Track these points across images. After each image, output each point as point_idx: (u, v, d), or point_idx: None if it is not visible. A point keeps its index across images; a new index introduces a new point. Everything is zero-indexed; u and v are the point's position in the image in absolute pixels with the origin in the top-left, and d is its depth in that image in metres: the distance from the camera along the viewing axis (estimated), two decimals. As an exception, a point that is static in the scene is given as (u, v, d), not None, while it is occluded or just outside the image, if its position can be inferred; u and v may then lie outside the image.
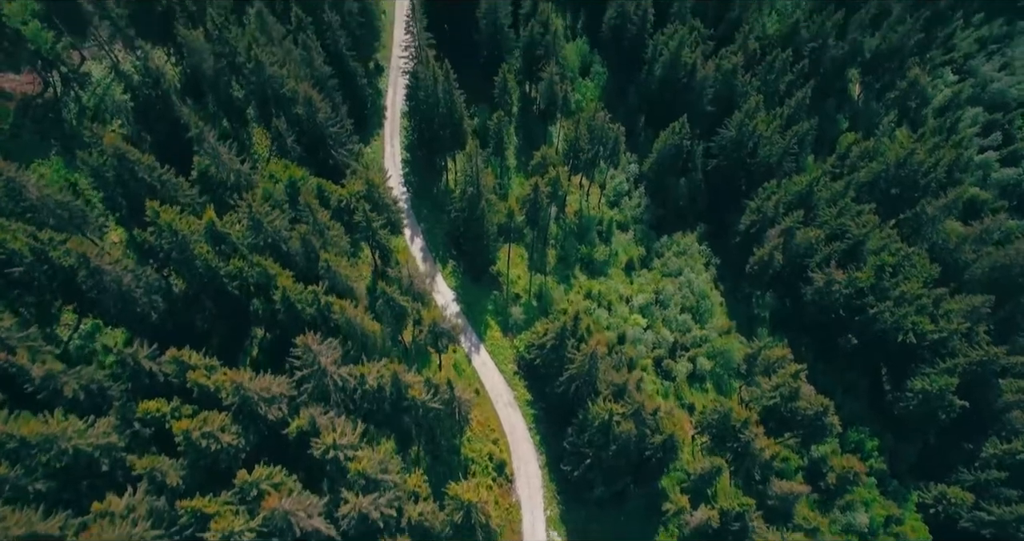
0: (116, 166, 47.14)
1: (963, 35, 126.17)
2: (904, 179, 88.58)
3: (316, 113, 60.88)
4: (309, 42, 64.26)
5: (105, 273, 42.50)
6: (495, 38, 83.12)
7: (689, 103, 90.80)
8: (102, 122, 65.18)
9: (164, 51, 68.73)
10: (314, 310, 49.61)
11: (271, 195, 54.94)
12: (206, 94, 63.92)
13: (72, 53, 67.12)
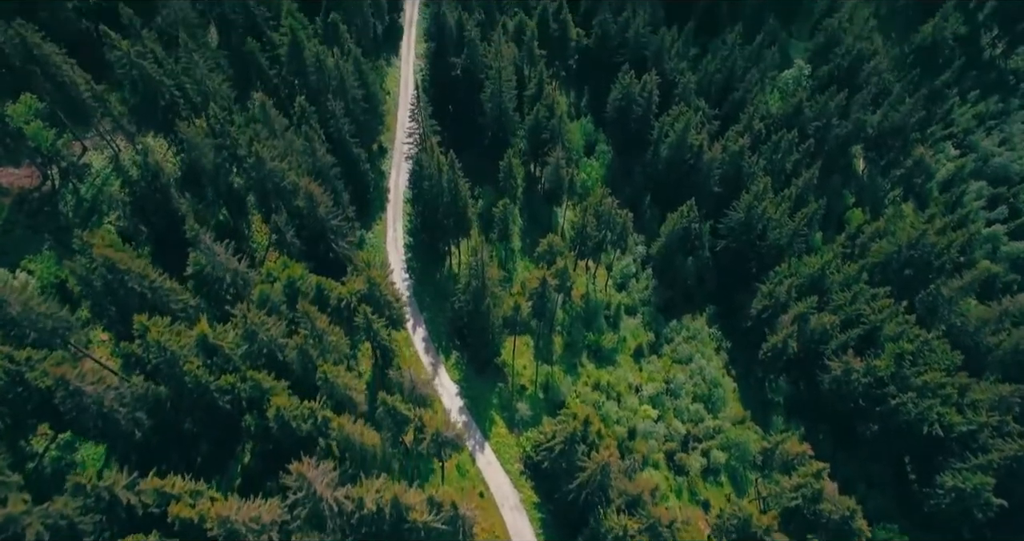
0: (105, 275, 44.89)
1: (961, 111, 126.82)
2: (917, 260, 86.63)
3: (317, 207, 59.21)
4: (311, 133, 63.26)
5: (85, 394, 39.60)
6: (500, 121, 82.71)
7: (696, 184, 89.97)
8: (99, 214, 63.63)
9: (165, 141, 67.80)
10: (310, 425, 46.41)
11: (268, 297, 52.55)
12: (206, 186, 62.46)
13: (73, 144, 66.20)
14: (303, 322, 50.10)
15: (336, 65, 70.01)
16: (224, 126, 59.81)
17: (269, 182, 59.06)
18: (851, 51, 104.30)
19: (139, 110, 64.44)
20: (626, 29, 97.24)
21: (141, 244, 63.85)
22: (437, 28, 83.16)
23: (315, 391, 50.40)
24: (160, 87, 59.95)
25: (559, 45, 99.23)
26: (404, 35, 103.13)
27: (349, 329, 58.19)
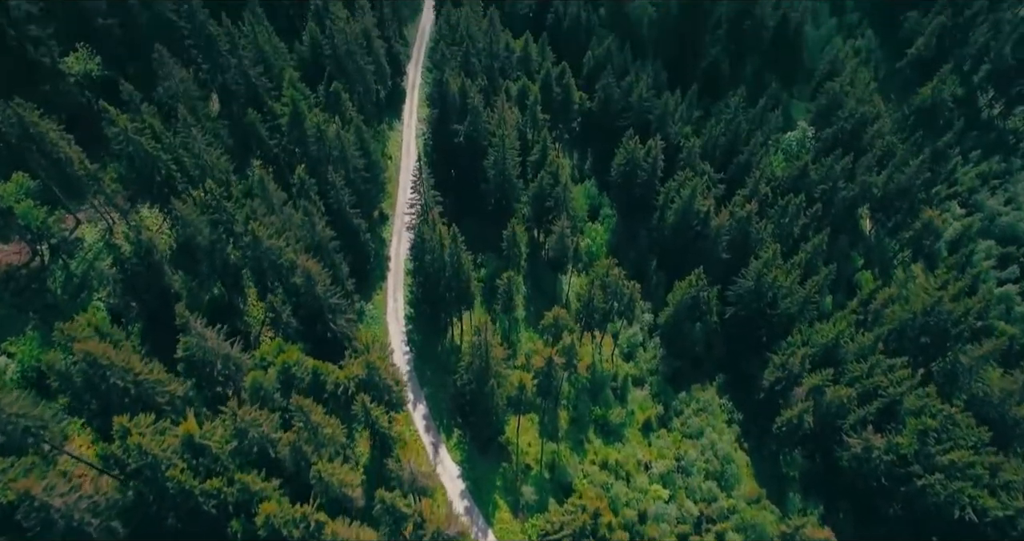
0: (86, 370, 42.21)
1: (964, 170, 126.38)
2: (933, 327, 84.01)
3: (314, 286, 56.92)
4: (310, 207, 61.55)
5: (52, 508, 36.39)
6: (503, 188, 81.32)
7: (703, 250, 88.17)
8: (89, 290, 61.35)
9: (160, 214, 66.06)
10: (302, 531, 42.89)
11: (260, 386, 49.72)
12: (200, 262, 60.31)
13: (67, 218, 64.42)
14: (297, 414, 47.11)
15: (337, 135, 68.98)
16: (220, 201, 58.09)
17: (265, 260, 56.96)
18: (854, 114, 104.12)
19: (135, 183, 62.96)
20: (629, 93, 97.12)
21: (131, 321, 61.50)
22: (439, 95, 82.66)
23: (309, 488, 47.10)
24: (157, 162, 58.51)
25: (562, 108, 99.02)
26: (407, 98, 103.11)
27: (347, 415, 55.21)
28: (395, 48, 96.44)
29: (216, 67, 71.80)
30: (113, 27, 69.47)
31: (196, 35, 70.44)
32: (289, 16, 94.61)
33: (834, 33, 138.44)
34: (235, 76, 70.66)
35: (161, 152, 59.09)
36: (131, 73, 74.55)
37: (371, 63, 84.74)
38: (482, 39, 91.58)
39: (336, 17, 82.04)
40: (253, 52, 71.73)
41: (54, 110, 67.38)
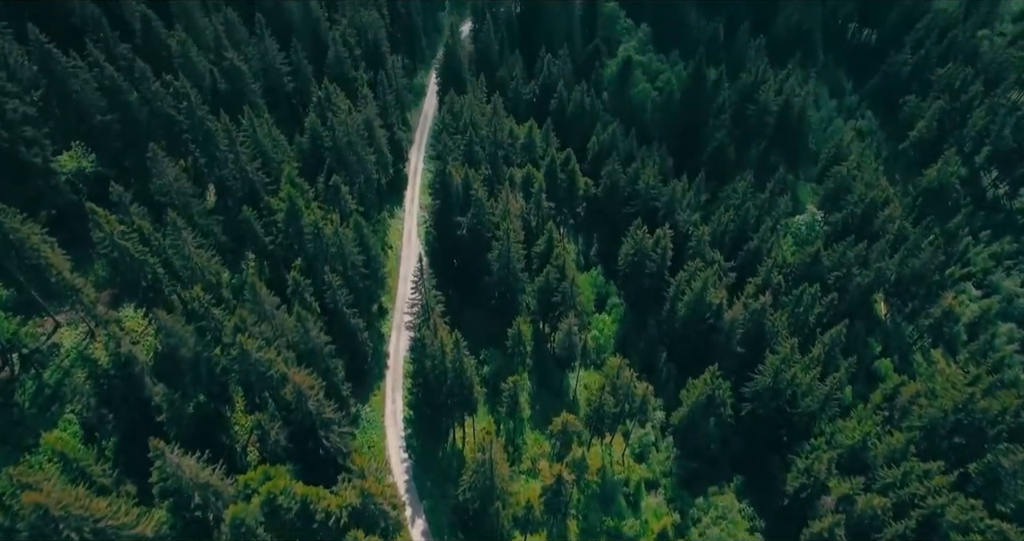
0: (37, 523, 37.33)
1: (976, 251, 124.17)
2: (967, 427, 78.96)
3: (306, 401, 52.62)
4: (304, 314, 58.02)
5: None
6: (507, 281, 78.08)
7: (716, 344, 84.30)
8: (61, 402, 56.98)
9: (144, 319, 62.47)
10: None
11: (242, 522, 44.68)
12: (184, 373, 56.22)
13: (45, 321, 60.78)
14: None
15: (335, 232, 66.23)
16: (208, 308, 54.62)
17: (254, 372, 52.91)
18: (863, 199, 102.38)
19: (120, 286, 59.74)
20: (635, 181, 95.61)
21: (106, 435, 56.87)
22: (442, 186, 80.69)
23: None
24: (143, 266, 55.41)
25: (567, 194, 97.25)
26: (408, 184, 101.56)
27: (337, 547, 49.80)
28: (397, 135, 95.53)
29: (213, 161, 69.95)
30: (112, 123, 67.94)
31: (194, 130, 68.90)
32: (292, 104, 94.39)
33: (835, 115, 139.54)
34: (232, 171, 68.64)
35: (148, 255, 56.09)
36: (128, 165, 72.85)
37: (372, 153, 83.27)
38: (485, 127, 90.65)
39: (338, 108, 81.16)
40: (251, 147, 70.02)
41: (41, 207, 65.32)
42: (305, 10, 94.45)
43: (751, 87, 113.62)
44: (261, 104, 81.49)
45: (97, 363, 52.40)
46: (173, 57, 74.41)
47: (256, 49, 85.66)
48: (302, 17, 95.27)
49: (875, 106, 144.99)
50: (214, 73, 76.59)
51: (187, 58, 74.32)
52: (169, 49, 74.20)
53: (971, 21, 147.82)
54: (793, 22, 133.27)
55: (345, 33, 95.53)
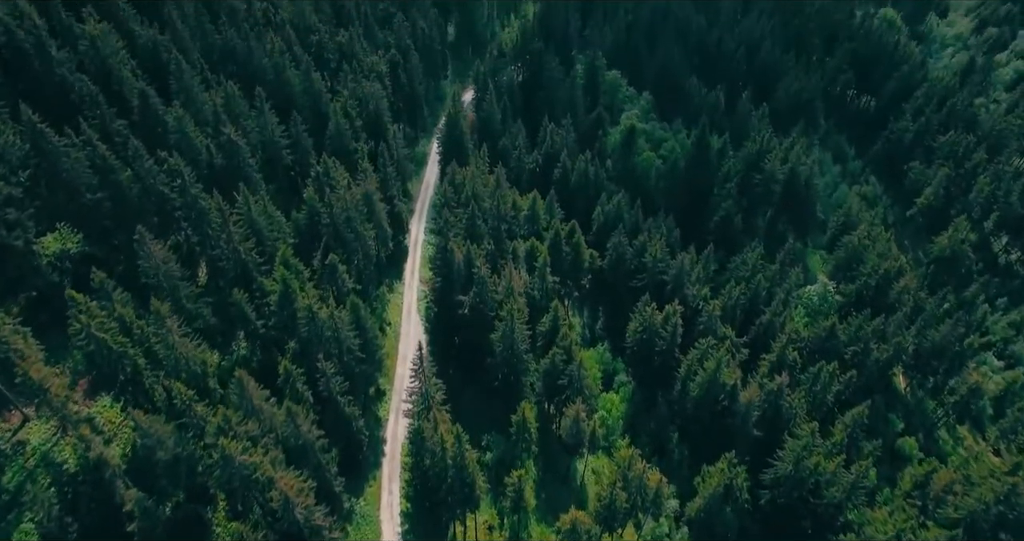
0: None
1: (994, 319, 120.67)
2: (1012, 522, 73.43)
3: (294, 508, 47.98)
4: (295, 408, 53.93)
5: None
6: (511, 363, 74.19)
7: (731, 427, 79.73)
8: (20, 509, 52.09)
9: (122, 413, 58.27)
10: None
11: None
12: (161, 475, 51.74)
13: (12, 415, 56.56)
14: None
15: (331, 315, 62.86)
16: (190, 404, 50.62)
17: (237, 477, 48.47)
18: (876, 269, 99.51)
19: (96, 378, 55.90)
20: (642, 253, 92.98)
21: (72, 543, 51.85)
22: (443, 263, 77.98)
23: None
24: (122, 359, 51.76)
25: (572, 267, 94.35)
26: (409, 257, 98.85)
27: None
28: (398, 207, 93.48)
29: (206, 240, 67.32)
30: (102, 201, 65.50)
31: (187, 208, 66.54)
32: (291, 176, 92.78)
33: (839, 180, 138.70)
34: (225, 251, 65.83)
35: (129, 347, 52.49)
36: (118, 243, 70.13)
37: (372, 228, 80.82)
38: (488, 199, 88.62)
39: (336, 182, 79.21)
40: (245, 227, 67.44)
41: (21, 289, 62.09)
42: (306, 82, 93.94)
43: (756, 156, 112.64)
44: (258, 178, 79.49)
45: (63, 467, 48.01)
46: (169, 133, 72.77)
47: (255, 122, 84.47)
48: (303, 89, 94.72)
49: (878, 172, 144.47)
50: (210, 149, 74.86)
51: (183, 134, 72.70)
52: (165, 125, 72.61)
53: (966, 89, 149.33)
54: (793, 90, 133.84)
55: (346, 105, 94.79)
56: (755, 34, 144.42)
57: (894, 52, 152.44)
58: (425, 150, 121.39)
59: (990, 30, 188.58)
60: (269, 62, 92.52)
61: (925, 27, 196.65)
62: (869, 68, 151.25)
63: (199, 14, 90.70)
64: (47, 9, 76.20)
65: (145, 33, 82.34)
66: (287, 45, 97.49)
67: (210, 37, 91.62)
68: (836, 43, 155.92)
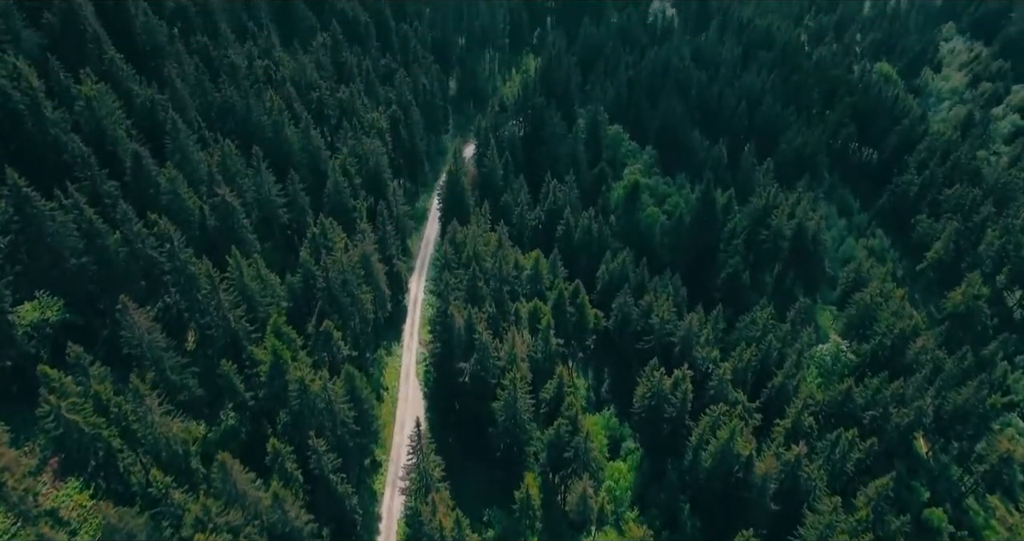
0: None
1: (1014, 377, 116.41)
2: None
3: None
4: (282, 494, 49.92)
5: None
6: (514, 433, 70.18)
7: (747, 499, 74.97)
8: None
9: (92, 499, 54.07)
10: None
11: None
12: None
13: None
14: None
15: (324, 388, 59.31)
16: (167, 493, 46.63)
17: (214, 576, 44.15)
18: (891, 329, 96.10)
19: (65, 460, 52.00)
20: (649, 314, 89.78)
21: None
22: (443, 328, 74.85)
23: None
24: (95, 443, 48.06)
25: (576, 328, 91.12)
26: (407, 317, 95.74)
27: None
28: (396, 266, 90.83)
29: (195, 307, 64.32)
30: (87, 265, 62.84)
31: (176, 273, 63.80)
32: (287, 234, 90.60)
33: (845, 234, 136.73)
34: (214, 318, 62.79)
35: (103, 428, 48.84)
36: (103, 308, 67.17)
37: (369, 291, 77.94)
38: (489, 259, 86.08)
39: (334, 243, 76.81)
40: (236, 293, 64.60)
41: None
42: (305, 140, 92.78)
43: (762, 211, 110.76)
44: (253, 239, 77.20)
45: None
46: (162, 194, 70.73)
47: (252, 181, 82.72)
48: (302, 146, 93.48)
49: (885, 225, 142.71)
50: (204, 210, 72.67)
51: (176, 195, 70.70)
52: (158, 186, 70.64)
53: (967, 142, 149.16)
54: (796, 144, 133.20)
55: (345, 162, 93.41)
56: (755, 89, 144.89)
57: (893, 106, 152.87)
58: (426, 205, 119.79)
59: (984, 85, 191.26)
60: (268, 120, 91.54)
61: (921, 81, 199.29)
62: (870, 121, 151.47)
63: (199, 72, 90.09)
64: (46, 71, 75.58)
65: (143, 92, 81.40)
66: (287, 102, 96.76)
67: (209, 95, 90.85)
68: (835, 97, 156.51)
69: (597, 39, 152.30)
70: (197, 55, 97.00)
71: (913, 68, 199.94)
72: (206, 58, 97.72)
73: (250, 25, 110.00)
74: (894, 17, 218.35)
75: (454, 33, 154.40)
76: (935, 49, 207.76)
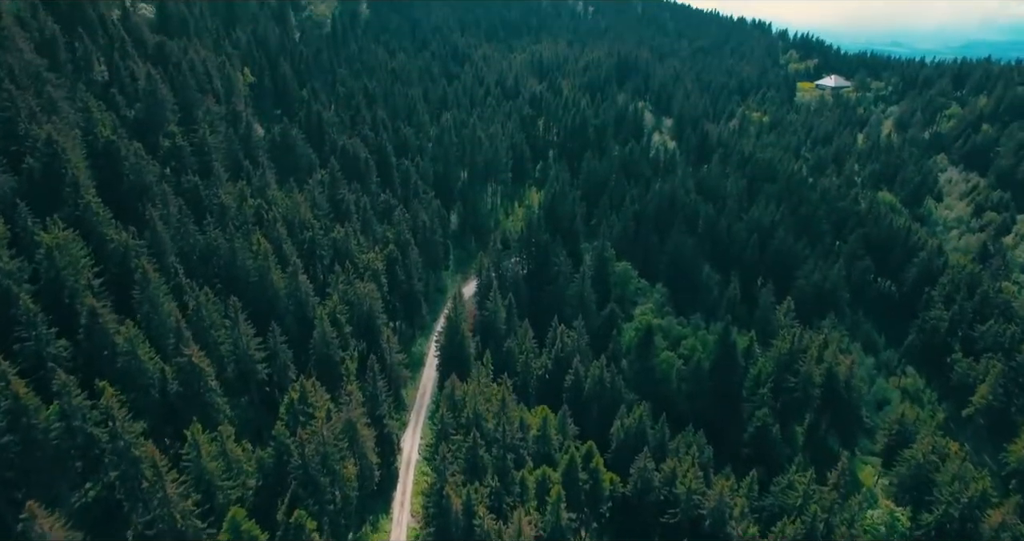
0: None
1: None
2: None
3: None
4: None
5: None
6: None
7: None
8: None
9: None
10: None
11: None
12: None
13: None
14: None
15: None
16: None
17: None
18: (957, 497, 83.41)
19: None
20: (672, 482, 78.00)
21: None
22: (439, 510, 63.29)
23: None
24: None
25: (590, 496, 79.02)
26: (399, 483, 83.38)
27: None
28: (388, 427, 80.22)
29: (136, 499, 53.33)
30: (9, 446, 52.68)
31: (118, 455, 53.45)
32: (266, 391, 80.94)
33: (875, 373, 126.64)
34: (159, 514, 51.61)
35: None
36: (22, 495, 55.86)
37: (354, 463, 66.99)
38: (492, 420, 75.82)
39: (316, 408, 66.92)
40: (191, 478, 53.97)
41: None
42: (292, 285, 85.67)
43: (788, 356, 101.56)
44: (221, 403, 67.59)
45: None
46: (118, 355, 61.98)
47: (228, 334, 74.50)
48: (289, 292, 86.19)
49: (915, 362, 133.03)
50: (165, 372, 63.58)
51: (134, 356, 61.87)
52: (114, 347, 62.06)
53: (988, 273, 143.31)
54: (815, 280, 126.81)
55: (335, 310, 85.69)
56: (765, 221, 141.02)
57: (907, 237, 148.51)
58: (423, 349, 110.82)
59: (990, 214, 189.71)
60: (254, 263, 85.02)
61: (924, 210, 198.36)
62: (884, 253, 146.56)
63: (182, 214, 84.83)
64: (12, 217, 70.12)
65: (118, 237, 75.24)
66: (276, 244, 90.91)
67: (192, 238, 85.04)
68: (845, 228, 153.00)
69: (600, 172, 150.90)
70: (186, 195, 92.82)
71: (915, 197, 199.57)
72: (195, 198, 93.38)
73: (246, 164, 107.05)
74: (888, 149, 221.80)
75: (456, 166, 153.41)
76: (934, 180, 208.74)
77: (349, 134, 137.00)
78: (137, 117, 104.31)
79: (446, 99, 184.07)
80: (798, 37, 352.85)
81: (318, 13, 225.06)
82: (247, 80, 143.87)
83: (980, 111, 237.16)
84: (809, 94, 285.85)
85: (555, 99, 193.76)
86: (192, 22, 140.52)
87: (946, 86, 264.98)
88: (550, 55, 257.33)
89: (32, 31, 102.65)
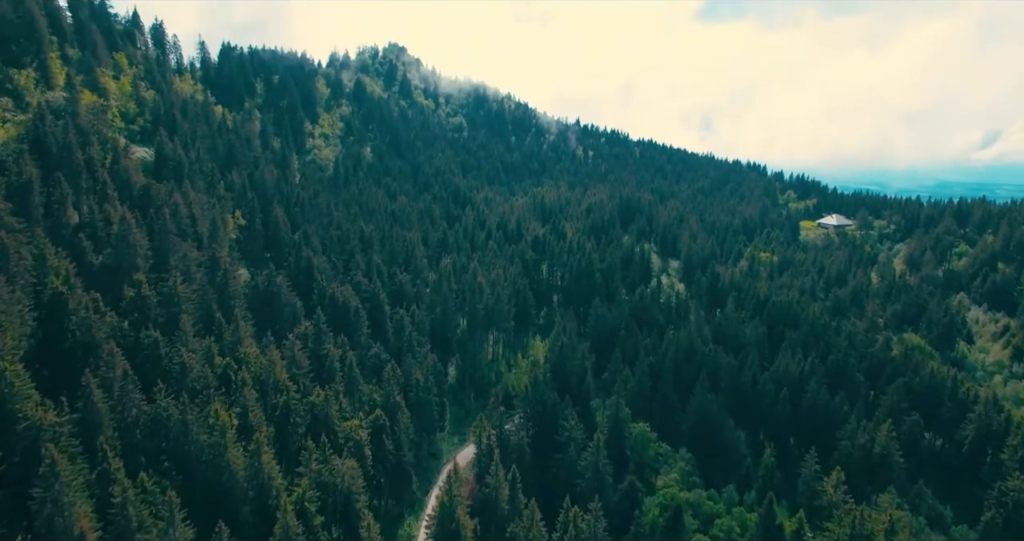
0: None
1: None
2: None
3: None
4: None
5: None
6: None
7: None
8: None
9: None
10: None
11: None
12: None
13: None
14: None
15: None
16: None
17: None
18: None
19: None
20: None
21: None
22: None
23: None
24: None
25: None
26: None
27: None
28: None
29: None
30: None
31: None
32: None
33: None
34: None
35: None
36: None
37: None
38: None
39: None
40: None
41: None
42: (254, 467, 71.40)
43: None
44: None
45: None
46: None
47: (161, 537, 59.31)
48: (250, 474, 71.82)
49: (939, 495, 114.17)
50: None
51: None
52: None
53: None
54: (861, 443, 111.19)
55: (304, 497, 70.74)
56: (793, 372, 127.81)
57: (955, 387, 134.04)
58: (412, 532, 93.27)
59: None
60: (208, 439, 71.48)
61: (957, 353, 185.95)
62: (930, 405, 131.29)
63: (125, 380, 72.57)
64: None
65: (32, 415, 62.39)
66: (242, 413, 77.99)
67: (136, 409, 72.18)
68: (880, 378, 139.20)
69: (610, 320, 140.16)
70: (143, 353, 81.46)
71: (944, 340, 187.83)
72: (153, 357, 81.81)
73: (218, 315, 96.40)
74: (906, 288, 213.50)
75: (455, 314, 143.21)
76: (963, 320, 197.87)
77: (341, 281, 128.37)
78: (105, 263, 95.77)
79: (446, 242, 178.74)
80: (793, 178, 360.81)
81: (322, 157, 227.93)
82: (238, 223, 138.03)
83: (992, 249, 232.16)
84: (812, 233, 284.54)
85: (559, 243, 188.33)
86: (187, 165, 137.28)
87: (950, 224, 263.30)
88: (552, 198, 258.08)
89: (11, 176, 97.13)
